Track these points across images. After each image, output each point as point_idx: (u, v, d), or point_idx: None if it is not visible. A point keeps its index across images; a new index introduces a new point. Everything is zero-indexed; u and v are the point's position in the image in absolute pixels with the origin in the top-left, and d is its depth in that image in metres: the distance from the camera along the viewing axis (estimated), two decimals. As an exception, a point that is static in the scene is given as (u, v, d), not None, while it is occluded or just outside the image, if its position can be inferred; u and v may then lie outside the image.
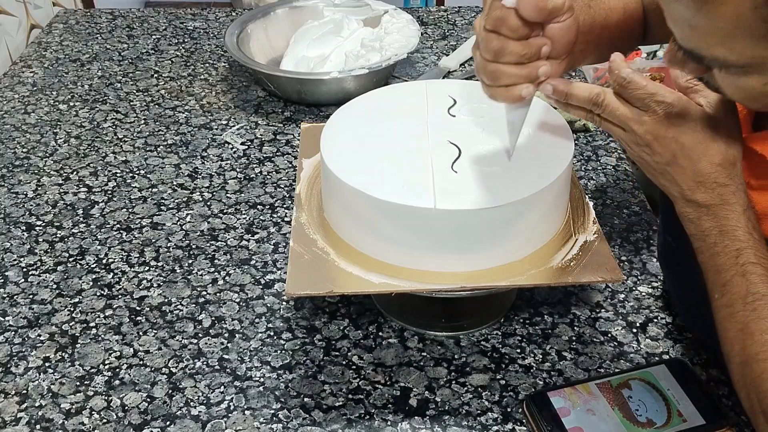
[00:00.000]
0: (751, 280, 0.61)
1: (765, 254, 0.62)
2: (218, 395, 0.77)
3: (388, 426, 0.74)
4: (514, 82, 0.66)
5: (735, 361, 0.61)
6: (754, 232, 0.62)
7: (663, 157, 0.65)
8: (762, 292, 0.60)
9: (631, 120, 0.65)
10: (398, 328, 0.84)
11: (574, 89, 0.67)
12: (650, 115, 0.64)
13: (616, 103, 0.65)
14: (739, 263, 0.62)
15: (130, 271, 0.93)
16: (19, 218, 1.02)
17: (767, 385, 0.58)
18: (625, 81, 0.64)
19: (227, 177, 1.09)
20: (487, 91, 0.69)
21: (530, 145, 0.79)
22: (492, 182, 0.74)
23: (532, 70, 0.66)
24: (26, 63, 1.41)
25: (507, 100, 0.68)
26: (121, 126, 1.22)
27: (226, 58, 1.41)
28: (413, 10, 1.59)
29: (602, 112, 0.66)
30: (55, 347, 0.83)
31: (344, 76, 1.20)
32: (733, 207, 0.63)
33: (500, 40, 0.64)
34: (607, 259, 0.75)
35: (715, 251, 0.63)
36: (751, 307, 0.60)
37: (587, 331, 0.84)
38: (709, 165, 0.64)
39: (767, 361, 0.58)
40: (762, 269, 0.61)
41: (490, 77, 0.66)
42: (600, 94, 0.66)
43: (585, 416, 0.72)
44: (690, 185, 0.65)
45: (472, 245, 0.73)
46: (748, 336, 0.60)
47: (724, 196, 0.63)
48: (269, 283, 0.91)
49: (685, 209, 0.66)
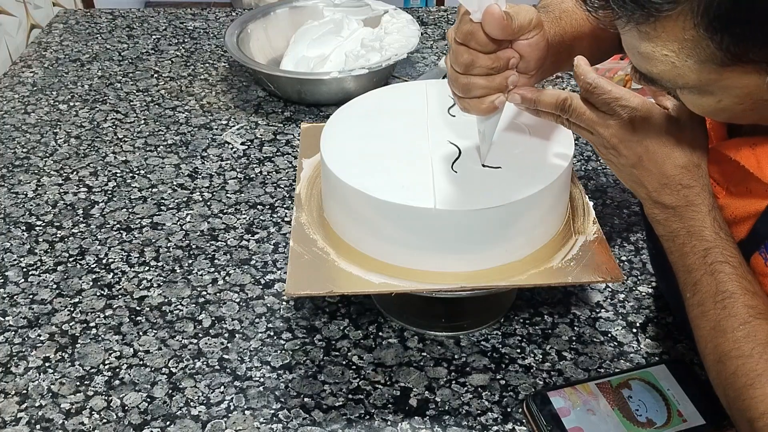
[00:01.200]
0: (720, 278, 0.62)
1: (732, 253, 0.63)
2: (218, 395, 0.77)
3: (388, 426, 0.74)
4: (485, 93, 0.68)
5: (709, 359, 0.63)
6: (720, 232, 0.64)
7: (629, 160, 0.67)
8: (731, 290, 0.61)
9: (598, 124, 0.66)
10: (398, 328, 0.84)
11: (541, 96, 0.68)
12: (615, 119, 0.65)
13: (583, 107, 0.67)
14: (707, 263, 0.63)
15: (130, 271, 0.93)
16: (19, 218, 1.02)
17: (741, 381, 0.59)
18: (591, 86, 0.65)
19: (227, 177, 1.09)
20: (459, 104, 0.70)
21: (530, 145, 0.79)
22: (492, 182, 0.74)
23: (502, 80, 0.67)
24: (26, 63, 1.41)
25: (480, 111, 0.69)
26: (121, 126, 1.22)
27: (226, 58, 1.41)
28: (413, 10, 1.59)
29: (570, 116, 0.68)
30: (55, 347, 0.83)
31: (344, 76, 1.20)
32: (699, 208, 0.65)
33: (470, 54, 0.65)
34: (607, 259, 0.75)
35: (683, 251, 0.65)
36: (721, 306, 0.61)
37: (587, 331, 0.84)
38: (673, 167, 0.65)
39: (740, 358, 0.59)
40: (730, 267, 0.62)
41: (463, 90, 0.68)
42: (567, 99, 0.67)
43: (585, 416, 0.72)
44: (656, 187, 0.66)
45: (472, 245, 0.73)
46: (720, 334, 0.61)
47: (689, 198, 0.65)
48: (269, 283, 0.91)
49: (652, 211, 0.68)
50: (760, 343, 0.59)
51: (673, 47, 0.54)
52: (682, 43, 0.53)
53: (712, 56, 0.53)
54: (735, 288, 0.61)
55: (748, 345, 0.59)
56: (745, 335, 0.59)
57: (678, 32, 0.53)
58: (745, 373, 0.58)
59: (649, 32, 0.54)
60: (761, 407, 0.57)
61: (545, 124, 0.81)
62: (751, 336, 0.59)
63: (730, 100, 0.57)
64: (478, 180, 0.74)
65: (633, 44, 0.57)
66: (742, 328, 0.60)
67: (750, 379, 0.58)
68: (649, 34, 0.55)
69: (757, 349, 0.59)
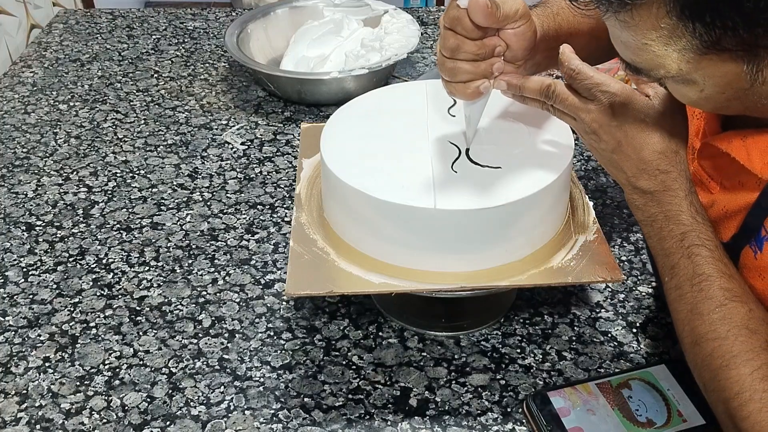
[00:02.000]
0: (697, 261, 0.63)
1: (709, 236, 0.64)
2: (218, 395, 0.77)
3: (388, 426, 0.74)
4: (470, 78, 0.70)
5: (686, 341, 0.64)
6: (697, 216, 0.65)
7: (608, 145, 0.68)
8: (707, 272, 0.62)
9: (579, 109, 0.68)
10: (398, 328, 0.84)
11: (526, 83, 0.70)
12: (596, 104, 0.67)
13: (566, 93, 0.68)
14: (684, 246, 0.64)
15: (130, 271, 0.93)
16: (19, 218, 1.02)
17: (716, 362, 0.60)
18: (574, 72, 0.67)
19: (227, 177, 1.09)
20: (446, 87, 0.72)
21: (530, 145, 0.79)
22: (492, 182, 0.74)
23: (487, 66, 0.69)
24: (26, 63, 1.41)
25: (465, 96, 0.71)
26: (121, 126, 1.22)
27: (226, 58, 1.41)
28: (413, 10, 1.59)
29: (554, 102, 0.69)
30: (55, 347, 0.83)
31: (344, 76, 1.20)
32: (676, 192, 0.66)
33: (456, 39, 0.67)
34: (607, 259, 0.75)
35: (661, 236, 0.66)
36: (697, 288, 0.62)
37: (587, 331, 0.84)
38: (651, 153, 0.67)
39: (716, 340, 0.60)
40: (707, 251, 0.63)
41: (449, 73, 0.70)
42: (551, 85, 0.69)
43: (585, 416, 0.72)
44: (634, 172, 0.67)
45: (472, 245, 0.73)
46: (696, 316, 0.62)
47: (666, 183, 0.66)
48: (269, 283, 0.91)
49: (632, 196, 0.69)
50: (735, 325, 0.60)
51: (652, 36, 0.55)
52: (659, 31, 0.54)
53: (689, 44, 0.54)
54: (711, 271, 0.62)
55: (724, 327, 0.60)
56: (720, 317, 0.61)
57: (653, 20, 0.54)
58: (721, 355, 0.60)
59: (627, 21, 0.55)
60: (735, 387, 0.58)
61: (545, 125, 0.81)
62: (726, 318, 0.60)
63: (712, 89, 0.58)
64: (478, 180, 0.74)
65: (616, 33, 0.58)
66: (718, 311, 0.61)
67: (725, 360, 0.59)
68: (627, 23, 0.55)
69: (733, 331, 0.60)
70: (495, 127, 0.81)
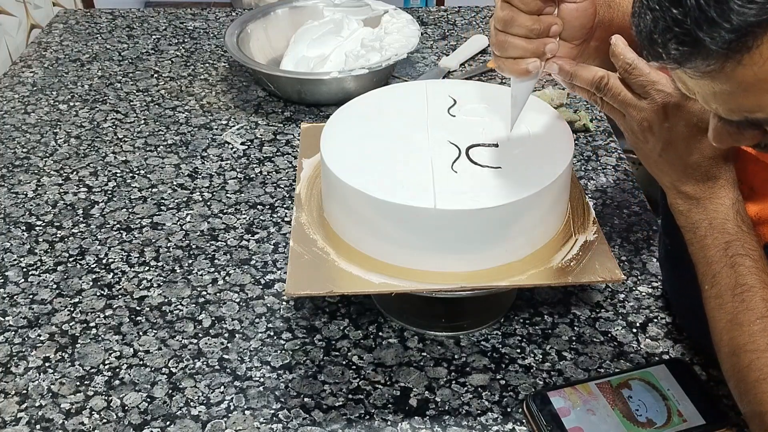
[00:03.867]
0: (740, 271, 0.62)
1: (754, 246, 0.63)
2: (218, 395, 0.77)
3: (388, 426, 0.74)
4: (520, 55, 0.66)
5: (724, 351, 0.62)
6: (743, 225, 0.63)
7: (656, 146, 0.66)
8: (750, 283, 0.61)
9: (630, 106, 0.66)
10: (398, 328, 0.84)
11: (579, 71, 0.68)
12: (649, 103, 0.64)
13: (619, 87, 0.66)
14: (728, 255, 0.63)
15: (130, 271, 0.93)
16: (19, 218, 1.02)
17: (754, 375, 0.59)
18: (630, 67, 0.64)
19: (227, 177, 1.09)
20: (495, 62, 0.69)
21: (530, 145, 0.79)
22: (492, 182, 0.74)
23: (539, 45, 0.66)
24: (26, 63, 1.41)
25: (513, 72, 0.68)
26: (121, 126, 1.22)
27: (226, 58, 1.41)
28: (413, 10, 1.59)
29: (605, 95, 0.67)
30: (55, 347, 0.83)
31: (344, 76, 1.20)
32: (722, 200, 0.64)
33: (512, 10, 0.64)
34: (607, 259, 0.75)
35: (704, 243, 0.64)
36: (739, 299, 0.61)
37: (587, 331, 0.84)
38: (700, 157, 0.64)
39: (755, 352, 0.59)
40: (750, 261, 0.62)
41: (499, 47, 0.67)
42: (604, 77, 0.66)
43: (585, 416, 0.72)
44: (680, 176, 0.66)
45: (472, 245, 0.73)
46: (736, 327, 0.61)
47: (713, 190, 0.64)
48: (269, 283, 0.91)
49: (676, 200, 0.67)
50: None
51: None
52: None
53: None
54: (754, 281, 0.61)
55: (764, 339, 0.59)
56: (761, 329, 0.59)
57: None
58: (759, 368, 0.58)
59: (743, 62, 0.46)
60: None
61: (545, 125, 0.81)
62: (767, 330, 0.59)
63: None
64: (478, 180, 0.74)
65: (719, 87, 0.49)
66: (759, 322, 0.59)
67: (764, 373, 0.58)
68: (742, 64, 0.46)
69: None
70: (495, 127, 0.81)
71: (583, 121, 1.18)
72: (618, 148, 1.14)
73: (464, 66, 1.38)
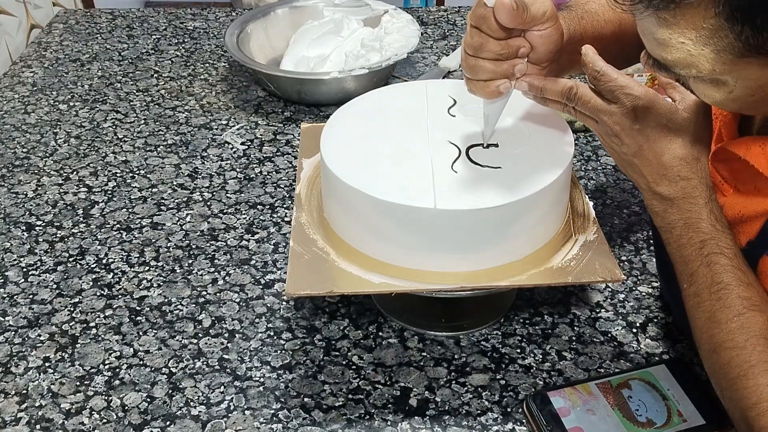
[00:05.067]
0: (716, 270, 0.63)
1: (728, 244, 0.64)
2: (218, 395, 0.77)
3: (388, 426, 0.74)
4: (490, 77, 0.69)
5: (704, 349, 0.64)
6: (717, 224, 0.65)
7: (630, 149, 0.68)
8: (726, 281, 0.62)
9: (601, 111, 0.67)
10: (398, 328, 0.84)
11: (548, 84, 0.70)
12: (619, 107, 0.66)
13: (589, 95, 0.68)
14: (703, 254, 0.64)
15: (130, 271, 0.93)
16: (19, 218, 1.02)
17: (734, 372, 0.60)
18: (598, 74, 0.66)
19: (227, 177, 1.09)
20: (467, 84, 0.72)
21: (530, 145, 0.79)
22: (492, 182, 0.74)
23: (509, 67, 0.69)
24: (26, 63, 1.41)
25: (484, 94, 0.71)
26: (121, 126, 1.22)
27: (226, 58, 1.41)
28: (413, 10, 1.59)
29: (576, 105, 0.69)
30: (55, 347, 0.83)
31: (344, 76, 1.20)
32: (696, 200, 0.65)
33: (481, 37, 0.67)
34: (607, 259, 0.75)
35: (681, 243, 0.66)
36: (716, 297, 0.62)
37: (587, 331, 0.84)
38: (672, 158, 0.66)
39: (734, 349, 0.60)
40: (725, 259, 0.63)
41: (470, 71, 0.70)
42: (573, 87, 0.68)
43: (585, 416, 0.72)
44: (655, 178, 0.67)
45: (472, 245, 0.73)
46: (715, 324, 0.62)
47: (686, 190, 0.66)
48: (269, 283, 0.91)
49: (651, 202, 0.69)
50: (753, 335, 0.60)
51: (691, 35, 0.54)
52: (700, 31, 0.53)
53: (729, 46, 0.53)
54: (730, 279, 0.62)
55: (742, 336, 0.60)
56: (739, 326, 0.61)
57: (697, 20, 0.53)
58: (739, 364, 0.60)
59: (668, 18, 0.54)
60: (753, 397, 0.58)
61: (545, 125, 0.81)
62: (744, 327, 0.60)
63: (742, 90, 0.57)
64: (478, 180, 0.74)
65: (649, 30, 0.57)
66: (736, 320, 0.61)
67: (743, 370, 0.59)
68: (667, 21, 0.55)
69: (751, 340, 0.60)
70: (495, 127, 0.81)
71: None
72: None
73: (464, 66, 1.38)
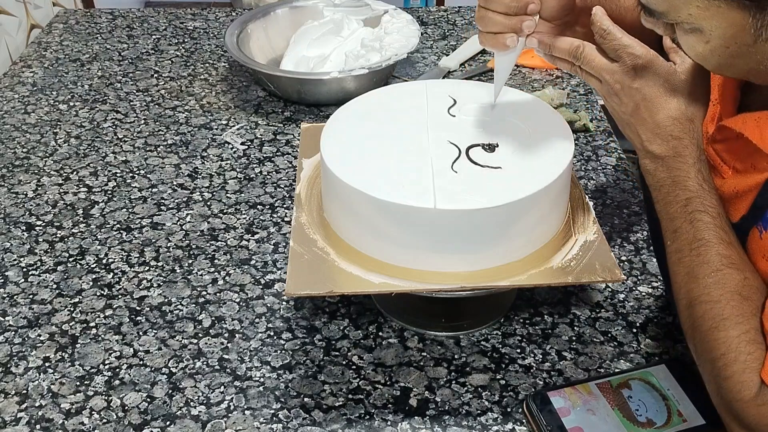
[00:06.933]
0: (698, 227, 0.65)
1: (713, 203, 0.66)
2: (218, 395, 0.77)
3: (388, 426, 0.74)
4: (500, 30, 0.72)
5: (682, 303, 0.65)
6: (704, 184, 0.66)
7: (627, 107, 0.70)
8: (706, 238, 0.64)
9: (604, 70, 0.70)
10: (398, 328, 0.84)
11: (557, 42, 0.72)
12: (620, 66, 0.69)
13: (594, 54, 0.70)
14: (687, 211, 0.66)
15: (130, 271, 0.93)
16: (19, 218, 1.02)
17: (707, 324, 0.62)
18: (605, 32, 0.68)
19: (227, 177, 1.09)
20: (479, 37, 0.74)
21: (530, 145, 0.79)
22: (492, 182, 0.74)
23: (517, 22, 0.71)
24: (26, 63, 1.41)
25: (493, 46, 0.74)
26: (121, 126, 1.22)
27: (226, 58, 1.41)
28: (413, 10, 1.59)
29: (582, 63, 0.71)
30: (55, 347, 0.83)
31: (344, 76, 1.20)
32: (685, 159, 0.67)
33: None
34: (607, 259, 0.75)
35: (667, 200, 0.68)
36: (696, 252, 0.64)
37: (587, 331, 0.84)
38: (666, 118, 0.68)
39: (708, 303, 0.62)
40: (708, 217, 0.65)
41: (480, 22, 0.73)
42: (580, 46, 0.71)
43: (585, 416, 0.72)
44: (648, 136, 0.69)
45: (472, 245, 0.73)
46: (692, 279, 0.64)
47: (677, 149, 0.68)
48: (269, 283, 0.91)
49: (644, 161, 0.71)
50: (728, 291, 0.62)
51: None
52: None
53: None
54: (711, 237, 0.64)
55: (717, 291, 0.62)
56: (715, 282, 0.62)
57: None
58: (712, 317, 0.62)
59: None
60: (722, 348, 0.60)
61: (545, 125, 0.81)
62: (720, 283, 0.62)
63: (717, 41, 0.59)
64: (478, 180, 0.74)
65: None
66: (713, 275, 0.63)
67: (715, 322, 0.61)
68: None
69: (726, 295, 0.62)
70: (495, 127, 0.81)
71: (583, 121, 1.18)
72: (618, 148, 1.14)
73: (464, 66, 1.38)
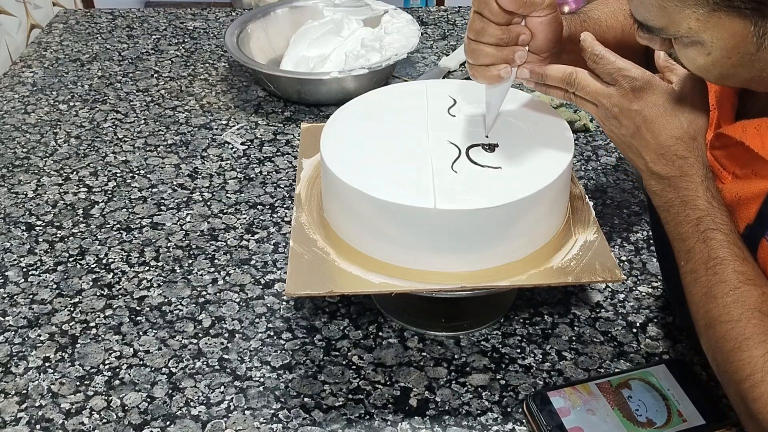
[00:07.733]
0: (712, 245, 0.64)
1: (724, 221, 0.65)
2: (218, 395, 0.77)
3: (388, 426, 0.74)
4: (491, 62, 0.72)
5: (701, 324, 0.65)
6: (713, 201, 0.66)
7: (628, 130, 0.69)
8: (722, 256, 0.63)
9: (600, 94, 0.69)
10: (398, 328, 0.84)
11: (548, 70, 0.72)
12: (617, 89, 0.68)
13: (588, 79, 0.70)
14: (699, 230, 0.65)
15: (130, 271, 0.93)
16: (19, 218, 1.02)
17: (729, 345, 0.61)
18: (597, 57, 0.68)
19: (227, 177, 1.09)
20: (470, 70, 0.74)
21: (530, 145, 0.79)
22: (492, 182, 0.74)
23: (509, 53, 0.71)
24: (26, 63, 1.41)
25: (485, 78, 0.73)
26: (121, 126, 1.22)
27: (226, 58, 1.41)
28: (413, 10, 1.59)
29: (576, 89, 0.71)
30: (55, 347, 0.83)
31: (344, 76, 1.20)
32: (692, 178, 0.67)
33: (482, 22, 0.69)
34: (607, 259, 0.75)
35: (678, 221, 0.67)
36: (712, 272, 0.63)
37: (587, 331, 0.84)
38: (669, 138, 0.68)
39: (729, 322, 0.61)
40: (721, 235, 0.64)
41: (472, 55, 0.72)
42: (572, 73, 0.70)
43: (585, 416, 0.72)
44: (652, 157, 0.68)
45: (472, 245, 0.73)
46: (711, 299, 0.63)
47: (683, 168, 0.67)
48: (269, 283, 0.91)
49: (649, 182, 0.70)
50: (748, 308, 0.61)
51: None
52: None
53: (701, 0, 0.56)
54: (726, 254, 0.63)
55: (737, 310, 0.61)
56: (734, 300, 0.62)
57: None
58: (734, 337, 0.61)
59: None
60: (747, 369, 0.59)
61: (545, 125, 0.81)
62: (740, 301, 0.61)
63: (719, 52, 0.59)
64: (478, 180, 0.74)
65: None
66: (731, 294, 0.62)
67: (738, 342, 0.60)
68: None
69: (746, 314, 0.61)
70: (495, 127, 0.81)
71: (583, 121, 1.18)
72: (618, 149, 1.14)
73: (464, 66, 1.38)
